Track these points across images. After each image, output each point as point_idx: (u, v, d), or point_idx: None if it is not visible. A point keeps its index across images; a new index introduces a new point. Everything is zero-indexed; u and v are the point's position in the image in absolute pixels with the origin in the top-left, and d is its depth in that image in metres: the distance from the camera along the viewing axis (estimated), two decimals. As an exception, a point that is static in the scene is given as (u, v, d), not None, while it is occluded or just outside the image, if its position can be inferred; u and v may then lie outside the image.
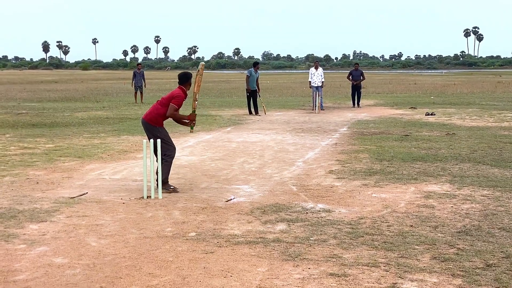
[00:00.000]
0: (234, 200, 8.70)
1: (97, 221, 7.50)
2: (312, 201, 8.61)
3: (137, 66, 31.61)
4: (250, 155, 12.99)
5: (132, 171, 11.03)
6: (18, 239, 6.69)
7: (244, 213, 7.94)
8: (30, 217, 7.61)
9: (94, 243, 6.60)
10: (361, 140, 15.47)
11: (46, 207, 8.19)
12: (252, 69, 24.51)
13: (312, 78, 26.67)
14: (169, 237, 6.84)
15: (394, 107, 27.44)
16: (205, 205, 8.37)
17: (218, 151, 13.61)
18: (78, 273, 5.61)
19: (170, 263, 5.93)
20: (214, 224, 7.40)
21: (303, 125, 19.85)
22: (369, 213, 7.87)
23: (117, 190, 9.42)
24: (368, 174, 10.57)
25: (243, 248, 6.41)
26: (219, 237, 6.83)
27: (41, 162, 11.93)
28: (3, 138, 15.76)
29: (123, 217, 7.72)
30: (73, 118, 21.74)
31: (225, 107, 28.05)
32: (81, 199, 8.74)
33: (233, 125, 19.69)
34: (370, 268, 5.73)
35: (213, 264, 5.89)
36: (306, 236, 6.83)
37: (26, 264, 5.87)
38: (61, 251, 6.28)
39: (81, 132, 17.16)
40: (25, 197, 8.82)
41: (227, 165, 11.76)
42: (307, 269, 5.72)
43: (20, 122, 20.34)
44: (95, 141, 15.16)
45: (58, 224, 7.35)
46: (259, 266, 5.83)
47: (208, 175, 10.69)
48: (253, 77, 24.23)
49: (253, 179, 10.32)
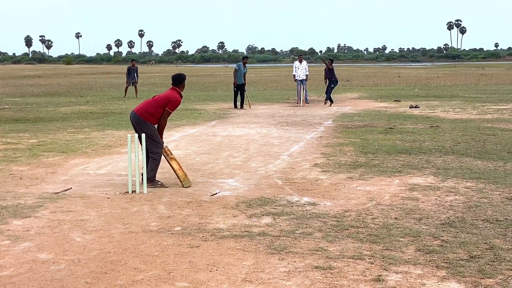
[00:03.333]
0: (219, 194, 8.70)
1: (82, 216, 7.47)
2: (297, 194, 8.62)
3: (131, 63, 31.67)
4: (235, 149, 12.98)
5: (116, 166, 10.99)
6: (1, 235, 6.65)
7: (230, 207, 7.94)
8: (14, 213, 7.56)
9: (79, 238, 6.57)
10: (346, 133, 15.50)
11: (30, 202, 8.15)
12: (240, 63, 24.63)
13: (296, 71, 26.67)
14: (154, 231, 6.82)
15: (379, 100, 27.54)
16: (190, 199, 8.36)
17: (203, 145, 13.59)
18: (63, 269, 5.59)
19: (155, 257, 5.92)
20: (200, 218, 7.39)
21: (287, 118, 19.87)
22: (354, 206, 7.89)
23: (101, 185, 9.38)
24: (353, 167, 10.60)
25: (229, 242, 6.41)
26: (204, 231, 6.82)
27: (24, 157, 11.86)
28: (-14, 134, 15.63)
29: (108, 212, 7.69)
30: (57, 113, 21.61)
31: (210, 101, 28.01)
32: (65, 194, 8.70)
33: (218, 119, 19.67)
34: (355, 260, 5.75)
35: (199, 258, 5.89)
36: (292, 229, 6.84)
37: (10, 260, 5.83)
38: (45, 247, 6.25)
39: (65, 127, 17.06)
40: (8, 192, 8.76)
41: (212, 159, 11.75)
42: (292, 262, 5.73)
43: (3, 117, 20.19)
44: (79, 136, 15.08)
45: (42, 219, 7.31)
46: (244, 259, 5.83)
47: (193, 169, 10.67)
48: (240, 71, 24.35)
49: (238, 173, 10.32)
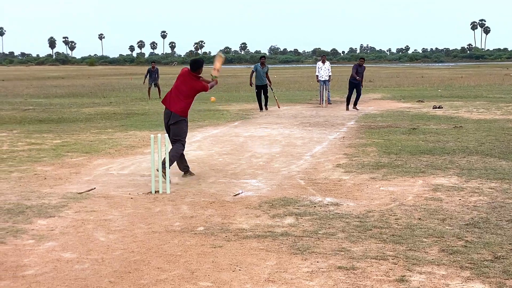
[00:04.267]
0: (242, 194, 8.70)
1: (105, 216, 7.51)
2: (320, 194, 8.60)
3: (151, 64, 31.79)
4: (257, 150, 12.97)
5: (139, 166, 11.04)
6: (26, 234, 6.71)
7: (252, 207, 7.94)
8: (39, 213, 7.63)
9: (103, 238, 6.61)
10: (369, 133, 15.44)
11: (54, 202, 8.21)
12: (258, 64, 23.91)
13: (319, 72, 26.62)
14: (177, 231, 6.84)
15: (402, 101, 27.39)
16: (213, 200, 8.37)
17: (225, 146, 13.61)
18: (87, 268, 5.62)
19: (178, 257, 5.94)
20: (222, 218, 7.40)
21: (310, 119, 19.83)
22: (377, 206, 7.85)
23: (125, 185, 9.43)
24: (375, 167, 10.55)
25: (252, 242, 6.41)
26: (227, 231, 6.83)
27: (48, 157, 11.96)
28: (11, 134, 15.80)
29: (131, 212, 7.73)
30: (80, 114, 21.78)
31: (233, 101, 28.05)
32: (89, 194, 8.76)
33: (240, 120, 19.69)
34: (378, 261, 5.72)
35: (222, 258, 5.89)
36: (315, 229, 6.82)
37: (34, 259, 5.89)
38: (69, 246, 6.29)
39: (88, 128, 17.19)
40: (33, 192, 8.84)
41: (235, 159, 11.76)
42: (315, 262, 5.72)
43: (27, 118, 20.40)
44: (103, 137, 15.18)
45: (66, 219, 7.37)
46: (267, 260, 5.83)
47: (216, 169, 10.69)
48: (259, 72, 23.53)
49: (260, 173, 10.32)
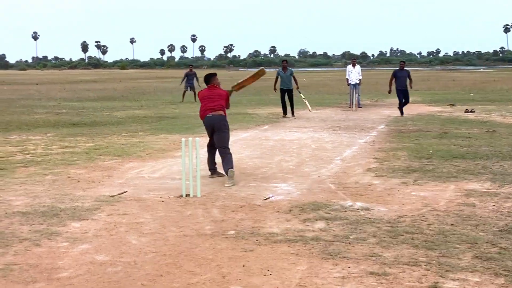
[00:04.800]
0: (272, 198, 8.72)
1: (137, 219, 7.58)
2: (351, 199, 8.58)
3: (189, 68, 32.08)
4: (287, 153, 12.99)
5: (170, 169, 11.11)
6: (60, 237, 6.80)
7: (283, 211, 7.95)
8: (72, 215, 7.73)
9: (135, 241, 6.67)
10: (399, 137, 15.35)
11: (87, 205, 8.31)
12: (280, 69, 23.05)
13: (349, 75, 26.55)
14: (208, 235, 6.88)
15: (433, 104, 27.18)
16: (244, 203, 8.40)
17: (255, 149, 13.64)
18: (120, 271, 5.69)
19: (210, 261, 5.97)
20: (253, 222, 7.42)
21: (340, 122, 19.78)
22: (408, 212, 7.81)
23: (156, 188, 9.51)
24: (407, 172, 10.49)
25: (282, 246, 6.42)
26: (258, 235, 6.84)
27: (81, 160, 12.10)
28: (45, 137, 16.02)
29: (163, 215, 7.79)
30: (112, 117, 21.99)
31: (262, 105, 28.08)
32: (121, 197, 8.85)
33: (270, 123, 19.71)
34: (410, 267, 5.69)
35: (253, 262, 5.91)
36: (345, 234, 6.81)
37: (69, 261, 5.97)
38: (102, 249, 6.37)
39: (120, 131, 17.35)
40: (66, 195, 8.95)
41: (265, 163, 11.78)
42: (346, 267, 5.71)
43: (61, 121, 20.66)
44: (134, 140, 15.32)
45: (99, 222, 7.45)
46: (298, 264, 5.83)
47: (245, 173, 10.73)
48: (282, 77, 22.63)
49: (291, 177, 10.32)
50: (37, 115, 23.50)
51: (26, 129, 18.32)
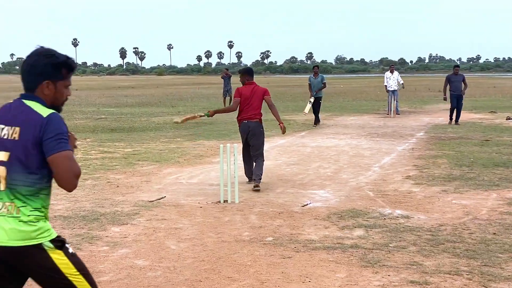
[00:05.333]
0: (310, 205, 8.68)
1: (176, 225, 7.62)
2: (390, 207, 8.49)
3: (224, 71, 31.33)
4: (325, 160, 12.93)
5: (208, 175, 11.14)
6: (101, 241, 6.87)
7: (321, 218, 7.91)
8: (112, 220, 7.80)
9: (174, 246, 6.70)
10: (439, 145, 15.17)
11: (127, 210, 8.38)
12: (311, 75, 22.09)
13: (388, 82, 26.31)
14: (246, 241, 6.88)
15: (473, 111, 26.80)
16: (282, 210, 8.38)
17: (292, 156, 13.61)
18: (159, 276, 5.72)
19: (248, 267, 5.97)
20: (291, 229, 7.40)
21: (378, 129, 19.64)
22: (449, 220, 7.70)
23: (194, 194, 9.54)
24: (447, 180, 10.35)
25: (321, 253, 6.39)
26: (296, 242, 6.82)
27: (120, 166, 12.22)
28: (84, 143, 16.21)
29: (201, 221, 7.81)
30: (150, 123, 22.17)
31: (299, 111, 28.00)
32: (159, 202, 8.90)
33: (307, 130, 19.66)
34: (452, 276, 5.60)
35: (291, 269, 5.89)
36: (385, 242, 6.74)
37: (109, 265, 6.02)
38: (142, 254, 6.41)
39: (158, 137, 17.48)
40: (106, 200, 9.04)
41: (302, 169, 11.75)
42: (386, 276, 5.65)
43: (100, 127, 20.90)
44: (172, 146, 15.41)
45: (138, 227, 7.51)
46: (337, 272, 5.79)
47: (283, 179, 10.71)
48: (313, 83, 21.66)
49: (329, 184, 10.27)
50: (77, 120, 23.82)
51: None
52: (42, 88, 3.32)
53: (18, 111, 3.28)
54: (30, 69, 3.33)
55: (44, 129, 3.18)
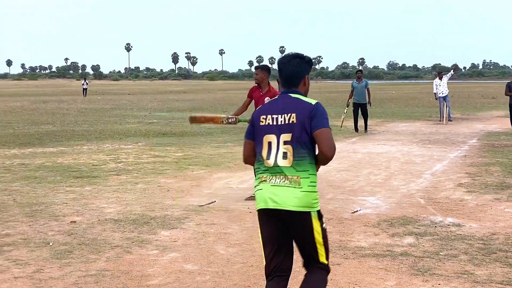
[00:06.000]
0: (360, 212, 8.62)
1: (225, 230, 7.65)
2: (441, 214, 8.37)
3: None
4: (376, 167, 12.82)
5: (258, 180, 11.14)
6: (151, 244, 6.95)
7: (371, 225, 7.84)
8: (162, 224, 7.88)
9: (223, 251, 6.73)
10: (492, 152, 14.87)
11: (177, 214, 8.46)
12: (354, 80, 21.57)
13: (437, 89, 25.90)
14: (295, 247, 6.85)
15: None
16: (331, 216, 8.34)
17: (343, 162, 13.53)
18: (208, 280, 5.75)
19: (297, 273, 5.93)
20: (341, 235, 7.35)
21: (430, 136, 19.37)
22: (502, 229, 7.54)
23: (244, 199, 9.57)
24: (500, 188, 10.14)
25: (370, 260, 6.33)
26: (345, 249, 6.78)
27: (171, 170, 12.34)
28: (136, 147, 16.45)
29: (250, 226, 7.83)
30: (201, 128, 22.32)
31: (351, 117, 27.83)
32: (209, 207, 8.96)
33: (358, 136, 19.53)
34: (504, 286, 5.49)
35: (340, 276, 5.86)
36: (435, 250, 6.64)
37: (158, 269, 6.08)
38: (191, 258, 6.46)
39: (208, 142, 17.61)
40: (156, 204, 9.15)
41: (353, 176, 11.67)
42: (437, 284, 5.56)
43: (151, 131, 21.16)
44: (222, 151, 15.49)
45: (188, 231, 7.57)
46: (387, 279, 5.73)
47: (333, 185, 10.66)
48: (357, 88, 21.12)
49: (379, 190, 10.18)
50: (129, 124, 24.18)
51: (118, 138, 18.88)
52: (303, 83, 4.31)
53: (289, 103, 4.20)
54: (294, 70, 4.29)
55: (314, 113, 4.10)
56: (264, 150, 4.21)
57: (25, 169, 12.48)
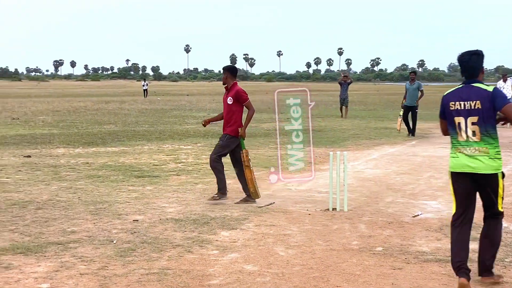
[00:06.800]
0: (421, 216, 8.50)
1: (284, 231, 7.66)
2: (506, 220, 8.14)
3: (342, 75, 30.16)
4: (437, 170, 12.61)
5: (316, 182, 11.13)
6: (211, 245, 7.00)
7: (433, 229, 7.73)
8: (222, 224, 7.94)
9: (282, 252, 6.74)
10: (559, 157, 14.44)
11: (236, 215, 8.51)
12: (408, 82, 20.93)
13: (502, 91, 25.34)
14: (355, 250, 6.82)
15: None
16: (392, 220, 8.25)
17: (403, 165, 13.37)
18: (268, 281, 5.76)
19: (357, 276, 5.91)
20: (402, 239, 7.27)
21: (493, 139, 18.90)
22: None
23: (302, 201, 9.57)
24: None
25: (433, 266, 6.24)
26: (407, 253, 6.70)
27: (230, 171, 12.37)
28: (195, 147, 16.61)
29: (309, 228, 7.82)
30: (259, 129, 22.40)
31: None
32: (268, 208, 8.98)
33: (418, 139, 19.26)
34: None
35: (402, 280, 5.79)
36: (500, 257, 6.48)
37: (219, 269, 6.13)
38: (251, 259, 6.49)
39: (267, 143, 17.62)
40: (216, 204, 9.21)
41: (413, 179, 11.52)
42: (502, 292, 5.45)
43: (210, 132, 21.28)
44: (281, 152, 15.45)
45: (247, 232, 7.61)
46: (450, 285, 5.64)
47: (393, 189, 10.54)
48: (409, 90, 20.49)
49: (440, 194, 10.01)
50: (188, 125, 24.43)
51: (178, 138, 19.09)
52: (481, 73, 5.62)
53: (473, 91, 5.50)
54: (474, 65, 5.58)
55: (493, 97, 5.41)
56: (457, 129, 5.55)
57: (89, 168, 12.76)
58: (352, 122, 26.01)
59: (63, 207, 8.88)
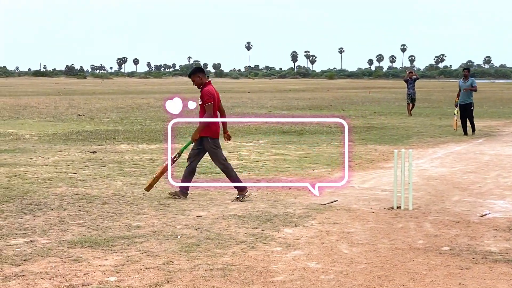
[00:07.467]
0: (489, 215, 8.29)
1: (348, 229, 7.59)
2: None
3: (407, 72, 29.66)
4: (505, 169, 12.30)
5: (380, 180, 11.01)
6: (274, 241, 6.99)
7: (501, 229, 7.53)
8: (285, 221, 7.92)
9: (346, 250, 6.68)
10: None
11: (299, 212, 8.48)
12: (461, 79, 20.46)
13: None
14: (421, 249, 6.71)
15: None
16: (458, 219, 8.07)
17: (469, 164, 13.09)
18: (332, 279, 5.72)
19: (423, 276, 5.81)
20: (469, 239, 7.11)
21: None
22: None
23: (366, 199, 9.47)
24: None
25: (502, 266, 6.08)
26: (474, 253, 6.54)
27: (292, 168, 12.39)
28: (257, 144, 16.64)
29: (373, 227, 7.72)
30: (321, 126, 22.27)
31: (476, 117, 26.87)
32: (331, 206, 8.92)
33: (485, 137, 18.83)
34: None
35: (469, 281, 5.66)
36: None
37: (282, 266, 6.11)
38: (314, 256, 6.45)
39: (328, 140, 17.52)
40: (279, 201, 9.21)
41: (480, 178, 11.26)
42: None
43: (272, 129, 21.32)
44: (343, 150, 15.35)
45: (310, 229, 7.57)
46: (520, 287, 5.48)
47: (460, 188, 10.32)
48: (461, 87, 19.96)
49: (509, 194, 9.76)
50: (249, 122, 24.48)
51: (239, 135, 19.14)
52: None
53: None
54: None
55: None
56: None
57: (153, 164, 12.94)
58: (416, 119, 25.62)
59: (128, 202, 9.03)
